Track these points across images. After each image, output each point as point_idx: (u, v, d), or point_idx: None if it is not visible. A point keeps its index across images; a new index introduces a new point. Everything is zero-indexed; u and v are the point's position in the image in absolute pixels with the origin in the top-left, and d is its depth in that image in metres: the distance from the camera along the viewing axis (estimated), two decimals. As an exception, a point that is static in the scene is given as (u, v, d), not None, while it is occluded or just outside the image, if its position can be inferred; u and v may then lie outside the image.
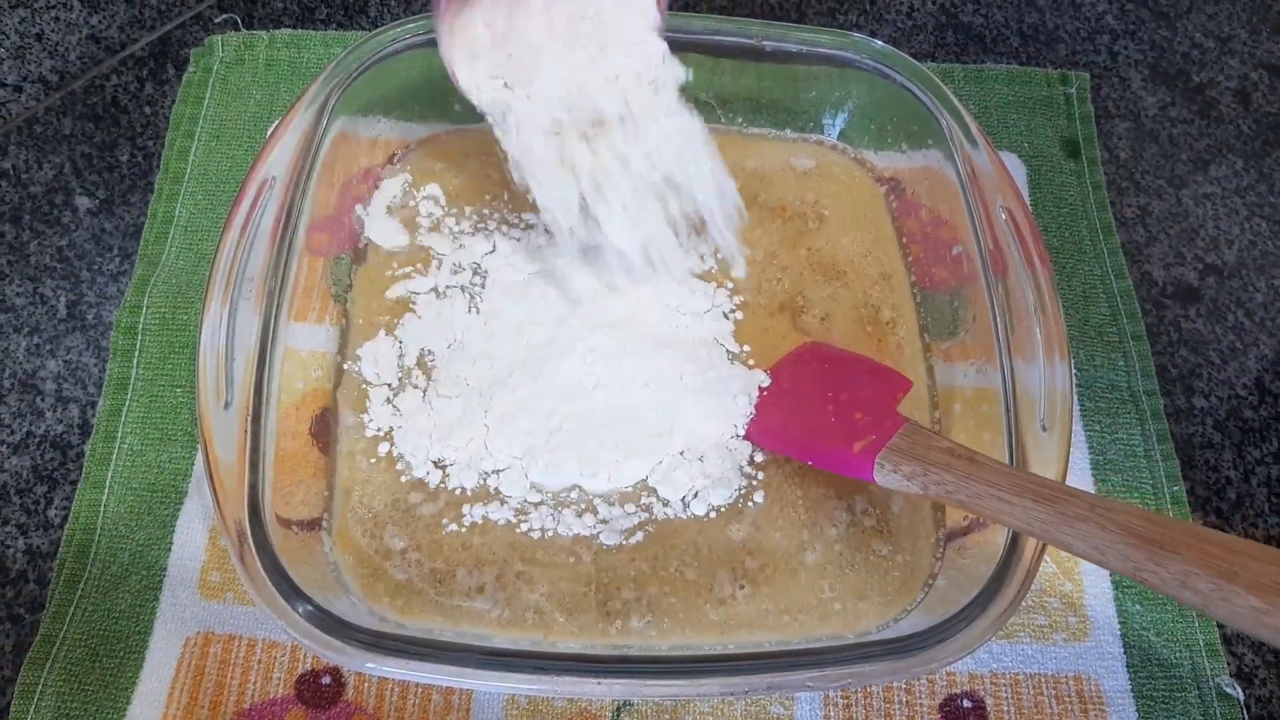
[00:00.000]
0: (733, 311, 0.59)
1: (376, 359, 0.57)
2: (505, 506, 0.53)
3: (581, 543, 0.52)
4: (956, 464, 0.45)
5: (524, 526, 0.52)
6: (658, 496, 0.53)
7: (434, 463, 0.54)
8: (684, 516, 0.53)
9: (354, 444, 0.55)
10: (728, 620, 0.51)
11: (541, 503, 0.53)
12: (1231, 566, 0.34)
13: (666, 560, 0.52)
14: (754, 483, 0.54)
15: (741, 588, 0.52)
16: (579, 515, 0.53)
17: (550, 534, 0.52)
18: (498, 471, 0.54)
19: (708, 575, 0.52)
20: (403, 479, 0.53)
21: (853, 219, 0.64)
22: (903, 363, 0.59)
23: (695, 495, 0.53)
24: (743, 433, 0.55)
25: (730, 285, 0.60)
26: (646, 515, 0.53)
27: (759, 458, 0.55)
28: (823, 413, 0.53)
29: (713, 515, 0.53)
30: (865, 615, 0.51)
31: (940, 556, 0.52)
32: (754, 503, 0.54)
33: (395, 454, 0.54)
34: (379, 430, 0.55)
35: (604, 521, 0.53)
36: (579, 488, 0.54)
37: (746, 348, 0.58)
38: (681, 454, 0.54)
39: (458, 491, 0.53)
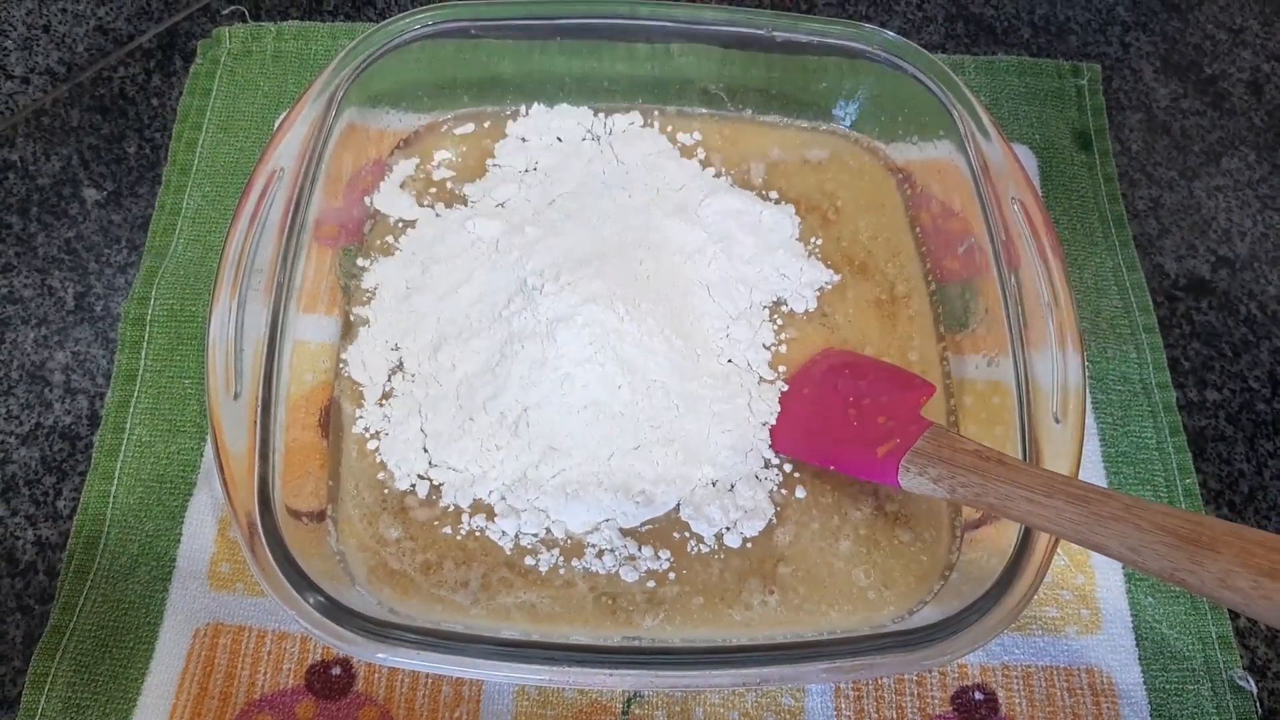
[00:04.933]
0: (775, 345, 0.58)
1: (364, 362, 0.56)
2: (507, 537, 0.52)
3: (589, 577, 0.51)
4: (985, 466, 0.44)
5: (529, 560, 0.51)
6: (690, 532, 0.52)
7: (419, 475, 0.53)
8: (720, 556, 0.52)
9: (350, 437, 0.54)
10: (752, 620, 0.50)
11: (556, 544, 0.52)
12: (1273, 565, 0.34)
13: (685, 562, 0.52)
14: (793, 479, 0.54)
15: (771, 593, 0.51)
16: (599, 556, 0.51)
17: (563, 572, 0.51)
18: (503, 498, 0.52)
19: (737, 582, 0.51)
20: (385, 490, 0.53)
21: (868, 208, 0.63)
22: (916, 352, 0.59)
23: (728, 529, 0.52)
24: (774, 460, 0.54)
25: (780, 321, 0.59)
26: (673, 560, 0.51)
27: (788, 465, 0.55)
28: (844, 418, 0.52)
29: (749, 547, 0.52)
30: (890, 603, 0.51)
31: (958, 548, 0.52)
32: (795, 499, 0.53)
33: (380, 460, 0.54)
34: (366, 430, 0.54)
35: (629, 558, 0.51)
36: (606, 524, 0.52)
37: (782, 369, 0.57)
38: (713, 485, 0.53)
39: (450, 509, 0.52)
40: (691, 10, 0.61)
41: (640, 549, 0.52)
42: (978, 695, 0.52)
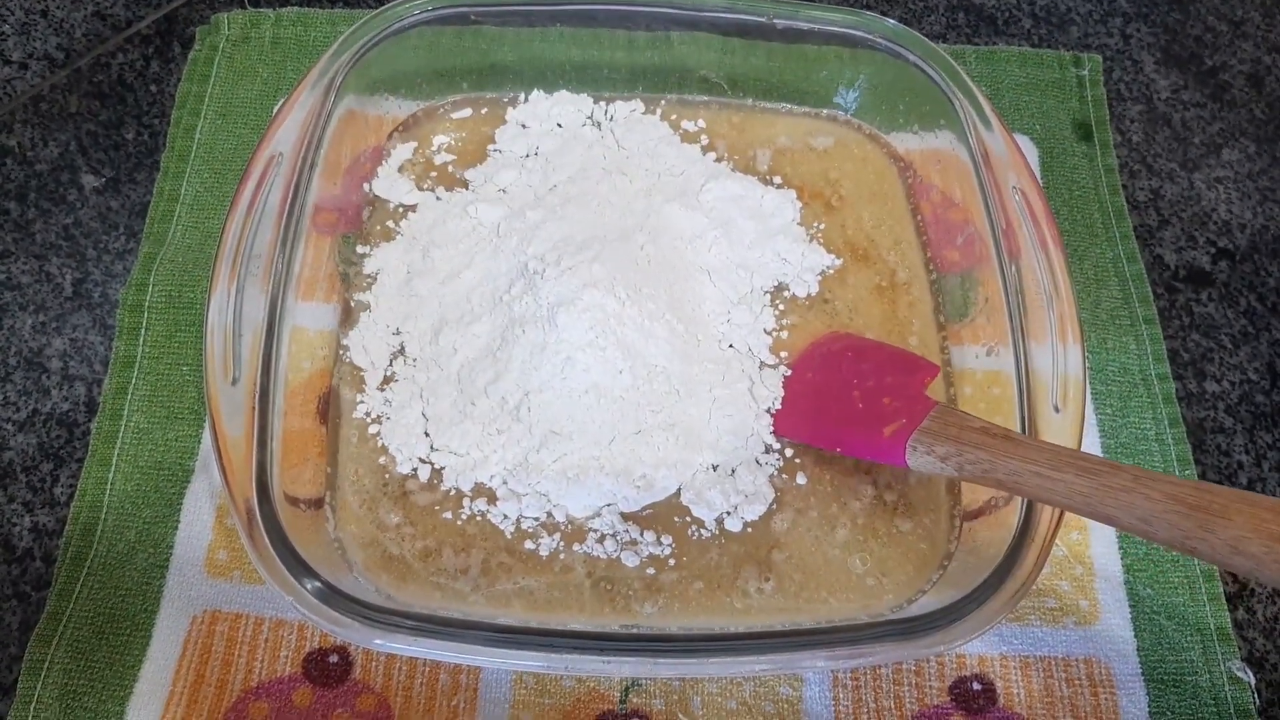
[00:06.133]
0: (776, 330, 0.58)
1: (365, 347, 0.56)
2: (508, 521, 0.52)
3: (589, 562, 0.51)
4: (993, 443, 0.44)
5: (529, 545, 0.51)
6: (691, 517, 0.52)
7: (420, 459, 0.53)
8: (720, 542, 0.52)
9: (350, 423, 0.54)
10: (750, 608, 0.50)
11: (557, 528, 0.52)
12: None
13: (685, 547, 0.52)
14: (793, 464, 0.54)
15: (767, 580, 0.51)
16: (600, 541, 0.51)
17: (563, 557, 0.51)
18: (505, 482, 0.52)
19: (733, 569, 0.51)
20: (385, 475, 0.53)
21: (871, 196, 0.63)
22: (916, 339, 0.58)
23: (729, 514, 0.52)
24: (774, 445, 0.54)
25: (782, 307, 0.59)
26: (674, 546, 0.51)
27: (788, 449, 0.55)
28: (849, 400, 0.52)
29: (749, 531, 0.52)
30: (889, 591, 0.51)
31: (957, 537, 0.52)
32: (795, 485, 0.53)
33: (382, 445, 0.53)
34: (367, 415, 0.54)
35: (631, 543, 0.51)
36: (608, 508, 0.52)
37: (784, 354, 0.57)
38: (714, 469, 0.53)
39: (452, 492, 0.52)
40: (693, -2, 0.61)
41: (642, 534, 0.51)
42: (976, 685, 0.52)
